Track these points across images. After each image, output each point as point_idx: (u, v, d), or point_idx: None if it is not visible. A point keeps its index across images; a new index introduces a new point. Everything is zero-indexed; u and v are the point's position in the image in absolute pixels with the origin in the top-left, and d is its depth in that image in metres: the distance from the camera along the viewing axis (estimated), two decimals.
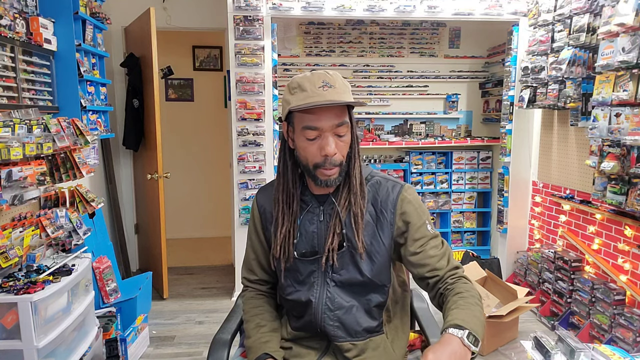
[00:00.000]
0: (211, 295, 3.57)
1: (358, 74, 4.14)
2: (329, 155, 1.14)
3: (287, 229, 1.23)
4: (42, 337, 1.70)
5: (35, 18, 2.14)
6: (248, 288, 1.39)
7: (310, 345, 1.27)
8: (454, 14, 3.31)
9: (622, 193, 2.36)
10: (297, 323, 1.29)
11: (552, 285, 3.03)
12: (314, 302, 1.22)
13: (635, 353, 2.12)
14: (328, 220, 1.23)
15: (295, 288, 1.26)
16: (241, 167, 3.28)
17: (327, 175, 1.16)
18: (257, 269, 1.36)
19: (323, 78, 1.15)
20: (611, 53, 2.29)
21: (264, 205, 1.33)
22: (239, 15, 3.16)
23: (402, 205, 1.21)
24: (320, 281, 1.23)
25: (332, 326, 1.22)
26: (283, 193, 1.24)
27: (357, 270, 1.21)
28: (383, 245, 1.22)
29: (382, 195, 1.23)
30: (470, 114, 4.31)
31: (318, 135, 1.14)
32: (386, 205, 1.22)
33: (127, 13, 3.68)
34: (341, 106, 1.15)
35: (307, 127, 1.14)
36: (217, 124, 5.00)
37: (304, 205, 1.25)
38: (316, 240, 1.23)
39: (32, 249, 1.96)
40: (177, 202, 5.06)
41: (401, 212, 1.21)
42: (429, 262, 1.20)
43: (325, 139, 1.14)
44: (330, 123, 1.13)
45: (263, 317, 1.30)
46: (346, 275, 1.22)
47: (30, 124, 1.88)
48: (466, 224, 4.24)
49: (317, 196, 1.25)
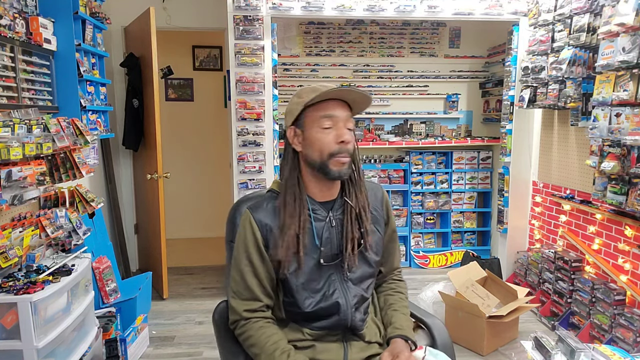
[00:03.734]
0: (211, 295, 3.57)
1: (358, 74, 4.14)
2: (346, 142, 1.23)
3: (295, 232, 1.23)
4: (42, 337, 1.70)
5: (35, 18, 2.14)
6: (250, 320, 1.26)
7: (330, 339, 1.29)
8: (454, 13, 3.31)
9: (623, 193, 2.36)
10: (322, 324, 1.27)
11: (553, 285, 3.03)
12: (343, 305, 1.26)
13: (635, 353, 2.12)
14: (339, 225, 1.29)
15: (314, 298, 1.26)
16: (241, 167, 3.27)
17: (342, 163, 1.23)
18: (261, 295, 1.26)
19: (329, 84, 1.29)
20: (611, 53, 2.29)
21: (262, 219, 1.26)
22: (239, 15, 3.16)
23: (386, 202, 1.42)
24: (339, 283, 1.28)
25: (358, 320, 1.30)
26: (290, 196, 1.26)
27: (367, 264, 1.32)
28: (381, 238, 1.38)
29: (373, 195, 1.39)
30: (470, 114, 4.31)
31: (333, 125, 1.24)
32: (377, 203, 1.38)
33: (127, 13, 3.68)
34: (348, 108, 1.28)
35: (324, 116, 1.24)
36: (217, 124, 4.99)
37: (314, 215, 1.28)
38: (331, 245, 1.28)
39: (31, 249, 1.96)
40: (177, 202, 5.06)
41: (386, 207, 1.41)
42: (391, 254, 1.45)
43: (340, 128, 1.24)
44: (344, 114, 1.25)
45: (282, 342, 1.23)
46: (359, 272, 1.31)
47: (30, 124, 1.88)
48: (466, 224, 4.24)
49: (323, 203, 1.30)
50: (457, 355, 2.63)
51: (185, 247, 4.90)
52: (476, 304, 2.62)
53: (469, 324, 2.69)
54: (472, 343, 2.69)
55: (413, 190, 4.12)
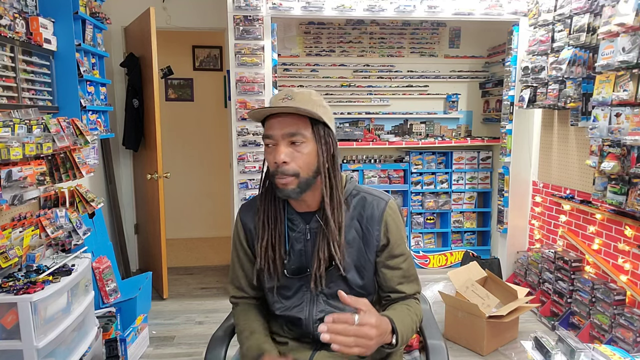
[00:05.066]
0: (211, 295, 3.57)
1: (358, 74, 4.14)
2: (278, 163, 1.14)
3: (268, 241, 1.24)
4: (42, 337, 1.70)
5: (35, 18, 2.14)
6: (237, 304, 1.37)
7: (305, 341, 1.30)
8: (454, 14, 3.31)
9: (622, 193, 2.36)
10: (291, 328, 1.31)
11: (552, 285, 3.03)
12: (304, 319, 1.26)
13: (635, 353, 2.12)
14: (314, 238, 1.23)
15: (283, 304, 1.28)
16: (241, 167, 3.28)
17: (281, 184, 1.16)
18: (246, 287, 1.35)
19: (288, 92, 1.18)
20: (611, 53, 2.29)
21: (247, 222, 1.32)
22: (239, 15, 3.16)
23: (387, 222, 1.24)
24: (309, 297, 1.26)
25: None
26: (264, 204, 1.26)
27: (345, 283, 1.24)
28: (369, 261, 1.25)
29: (368, 212, 1.24)
30: (470, 114, 4.31)
31: (273, 145, 1.16)
32: (372, 221, 1.23)
33: (127, 13, 3.68)
34: (301, 118, 1.15)
35: (264, 136, 1.18)
36: (217, 124, 4.99)
37: (291, 224, 1.26)
38: (304, 257, 1.25)
39: (31, 249, 1.96)
40: (177, 202, 5.06)
41: (385, 228, 1.24)
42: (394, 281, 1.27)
43: (276, 149, 1.15)
44: (281, 132, 1.14)
45: (256, 325, 1.30)
46: (335, 288, 1.22)
47: (30, 124, 1.88)
48: (466, 224, 4.24)
49: (303, 214, 1.26)
50: (457, 355, 2.65)
51: (185, 247, 4.90)
52: (476, 303, 2.62)
53: (469, 324, 2.69)
54: (472, 343, 2.69)
55: (413, 190, 4.12)
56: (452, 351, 2.69)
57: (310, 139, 1.16)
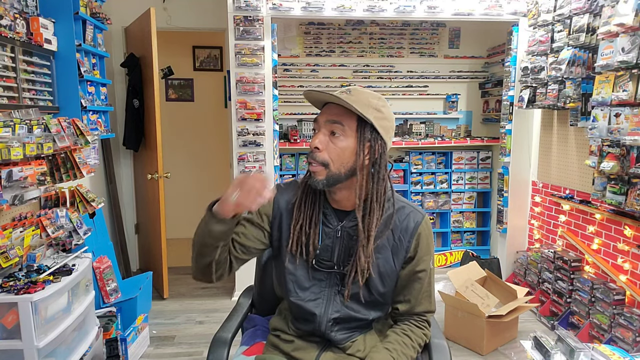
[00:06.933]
0: (211, 295, 3.57)
1: (358, 74, 4.14)
2: (311, 148, 1.18)
3: (302, 225, 1.24)
4: (43, 337, 1.70)
5: (35, 18, 2.14)
6: None
7: (312, 340, 1.29)
8: (454, 14, 3.31)
9: (622, 193, 2.36)
10: (300, 325, 1.29)
11: (552, 285, 3.04)
12: (319, 316, 1.25)
13: (634, 353, 2.12)
14: (345, 238, 1.24)
15: (298, 295, 1.26)
16: (241, 167, 3.28)
17: (312, 170, 1.19)
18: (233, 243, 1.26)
19: (350, 88, 1.21)
20: (611, 53, 2.29)
21: (278, 200, 1.29)
22: (239, 15, 3.16)
23: (420, 236, 1.25)
24: (326, 294, 1.26)
25: (335, 335, 1.26)
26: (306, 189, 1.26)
27: (367, 288, 1.24)
28: (394, 270, 1.26)
29: (402, 223, 1.25)
30: (470, 114, 4.31)
31: (317, 130, 1.21)
32: (405, 233, 1.24)
33: (128, 13, 3.69)
34: (349, 114, 1.16)
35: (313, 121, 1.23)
36: (217, 124, 5.00)
37: (324, 219, 1.26)
38: (330, 254, 1.25)
39: (32, 249, 1.96)
40: (177, 202, 5.06)
41: (417, 242, 1.25)
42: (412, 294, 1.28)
43: (317, 134, 1.20)
44: (324, 118, 1.19)
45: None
46: (355, 290, 1.24)
47: (31, 124, 1.88)
48: (466, 224, 4.24)
49: (337, 212, 1.26)
50: (457, 354, 2.65)
51: (185, 247, 4.85)
52: (476, 303, 2.62)
53: (468, 324, 2.69)
54: (472, 343, 2.70)
55: (413, 190, 4.13)
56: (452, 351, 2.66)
57: (351, 135, 1.16)
